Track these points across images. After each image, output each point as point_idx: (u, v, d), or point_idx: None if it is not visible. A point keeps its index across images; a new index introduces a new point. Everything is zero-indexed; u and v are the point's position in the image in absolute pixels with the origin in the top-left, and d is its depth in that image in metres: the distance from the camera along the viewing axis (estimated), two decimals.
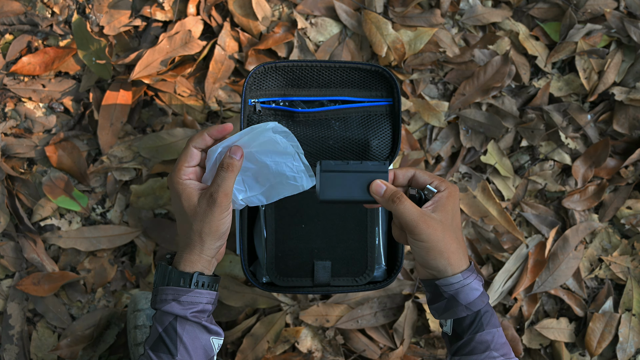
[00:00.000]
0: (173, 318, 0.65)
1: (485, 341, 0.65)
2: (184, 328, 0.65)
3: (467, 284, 0.64)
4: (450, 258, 0.64)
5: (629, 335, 1.07)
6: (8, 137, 1.07)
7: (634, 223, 1.09)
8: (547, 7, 1.13)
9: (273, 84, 0.86)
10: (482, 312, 0.65)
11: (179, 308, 0.64)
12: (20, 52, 1.09)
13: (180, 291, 0.65)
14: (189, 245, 0.67)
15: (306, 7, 1.11)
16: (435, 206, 0.65)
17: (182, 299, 0.65)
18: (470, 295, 0.64)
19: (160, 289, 0.66)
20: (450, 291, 0.65)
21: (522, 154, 1.12)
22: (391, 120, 0.87)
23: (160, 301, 0.65)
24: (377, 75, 0.86)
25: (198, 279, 0.66)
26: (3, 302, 1.04)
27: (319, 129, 0.86)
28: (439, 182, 0.67)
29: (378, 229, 0.87)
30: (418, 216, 0.64)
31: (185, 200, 0.67)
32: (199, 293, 0.65)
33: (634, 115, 1.10)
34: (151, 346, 0.65)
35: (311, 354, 1.05)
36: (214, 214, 0.65)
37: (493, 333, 0.65)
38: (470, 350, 0.65)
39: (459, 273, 0.65)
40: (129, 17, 1.10)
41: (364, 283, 0.86)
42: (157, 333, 0.65)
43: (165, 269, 0.67)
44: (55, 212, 1.06)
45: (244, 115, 0.84)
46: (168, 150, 1.07)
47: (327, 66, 0.85)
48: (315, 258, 0.85)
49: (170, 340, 0.64)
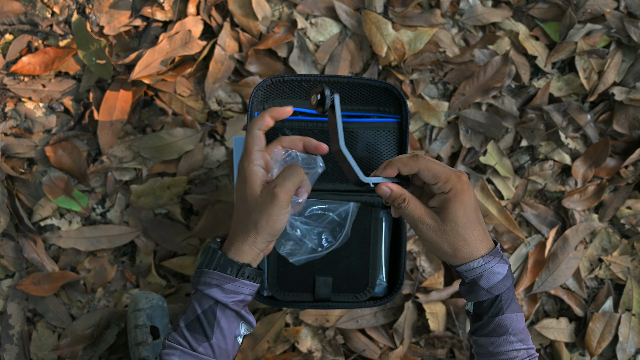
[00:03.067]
0: (214, 302, 0.65)
1: (504, 325, 0.65)
2: (223, 313, 0.65)
3: (488, 268, 0.64)
4: (457, 254, 0.65)
5: (629, 335, 1.07)
6: (8, 137, 1.07)
7: (634, 223, 1.09)
8: (547, 7, 1.13)
9: (280, 96, 0.85)
10: (502, 296, 0.65)
11: (221, 295, 0.65)
12: (20, 52, 1.09)
13: (226, 278, 0.65)
14: (243, 233, 0.66)
15: (306, 7, 1.11)
16: (440, 207, 0.65)
17: (226, 287, 0.65)
18: (492, 279, 0.64)
19: (205, 271, 0.66)
20: (472, 276, 0.65)
21: (522, 154, 1.12)
22: (398, 137, 0.87)
23: (204, 283, 0.65)
24: (385, 91, 0.85)
25: (245, 270, 0.66)
26: (3, 302, 1.04)
27: (324, 141, 0.86)
28: (443, 182, 0.65)
29: (380, 245, 0.87)
30: (418, 219, 0.65)
31: (249, 187, 0.66)
32: (243, 284, 0.65)
33: (634, 115, 1.10)
34: (187, 324, 0.65)
35: (311, 354, 1.05)
36: (273, 208, 0.65)
37: (512, 318, 0.65)
38: (489, 332, 0.66)
39: (479, 258, 0.65)
40: (129, 17, 1.10)
41: (365, 299, 0.87)
42: (195, 313, 0.65)
43: (214, 253, 0.66)
44: (55, 212, 1.06)
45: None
46: (168, 150, 1.07)
47: (335, 81, 0.85)
48: (317, 273, 0.86)
49: (207, 323, 0.65)
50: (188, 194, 1.07)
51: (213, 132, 1.09)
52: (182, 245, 1.05)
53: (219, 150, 1.08)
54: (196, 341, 0.65)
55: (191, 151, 1.07)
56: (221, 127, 1.08)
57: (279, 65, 1.10)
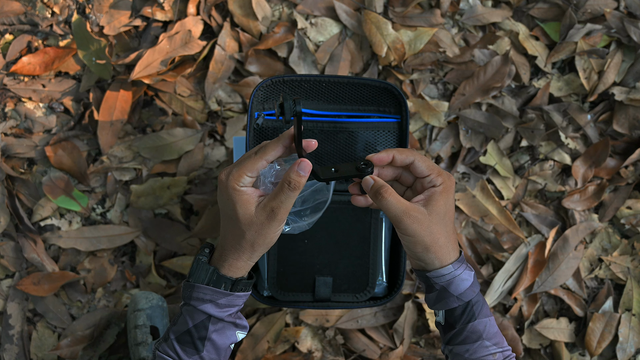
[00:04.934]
0: (206, 317, 0.64)
1: (477, 331, 0.65)
2: (215, 327, 0.64)
3: (457, 274, 0.65)
4: (437, 252, 0.64)
5: (629, 335, 1.07)
6: (8, 137, 1.07)
7: (634, 223, 1.09)
8: (547, 7, 1.13)
9: (280, 96, 0.86)
10: (473, 302, 0.65)
11: (215, 310, 0.64)
12: (20, 52, 1.09)
13: (219, 294, 0.64)
14: (237, 251, 0.65)
15: (306, 7, 1.11)
16: (427, 200, 0.64)
17: (220, 302, 0.64)
18: (461, 285, 0.65)
19: (197, 286, 0.64)
20: (442, 282, 0.65)
21: (522, 154, 1.12)
22: (398, 137, 0.86)
23: (197, 299, 0.64)
24: (385, 91, 0.85)
25: (239, 284, 0.65)
26: (3, 302, 1.04)
27: (323, 141, 0.86)
28: (436, 175, 0.65)
29: (380, 245, 0.87)
30: (403, 211, 0.63)
31: (241, 207, 0.63)
32: (237, 297, 0.65)
33: (634, 115, 1.10)
34: (177, 337, 0.65)
35: (311, 354, 1.05)
36: (271, 227, 0.63)
37: (485, 322, 0.66)
38: (463, 339, 0.66)
39: (449, 264, 0.65)
40: (129, 17, 1.10)
41: (365, 299, 0.87)
42: (186, 326, 0.64)
43: (206, 268, 0.65)
44: (55, 212, 1.06)
45: (250, 127, 0.84)
46: (168, 150, 1.07)
47: (335, 82, 0.85)
48: (317, 273, 0.86)
49: (198, 337, 0.64)
50: (188, 194, 1.07)
51: (213, 132, 1.09)
52: (182, 245, 1.05)
53: (219, 150, 1.08)
54: (186, 354, 0.64)
55: (191, 151, 1.07)
56: (221, 127, 1.08)
57: (279, 65, 1.10)
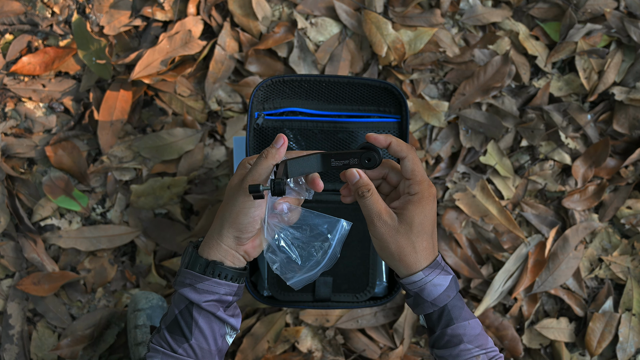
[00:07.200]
0: (189, 302, 0.64)
1: (457, 335, 0.65)
2: (200, 313, 0.64)
3: (428, 281, 0.64)
4: (403, 260, 0.64)
5: (629, 335, 1.07)
6: (8, 137, 1.07)
7: (634, 223, 1.09)
8: (547, 7, 1.13)
9: (280, 96, 0.85)
10: (449, 306, 0.65)
11: (194, 295, 0.64)
12: (20, 52, 1.09)
13: (198, 277, 0.64)
14: (212, 229, 0.66)
15: (306, 7, 1.11)
16: (400, 208, 0.64)
17: (199, 286, 0.64)
18: (434, 291, 0.64)
19: (182, 270, 0.65)
20: (414, 289, 0.65)
21: (522, 154, 1.12)
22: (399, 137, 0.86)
23: (179, 283, 0.65)
24: (385, 91, 0.85)
25: (216, 269, 0.64)
26: (3, 302, 1.04)
27: (322, 140, 0.86)
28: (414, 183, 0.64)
29: None
30: (376, 213, 0.63)
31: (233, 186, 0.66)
32: (216, 283, 0.64)
33: (634, 115, 1.10)
34: (167, 326, 0.65)
35: (311, 354, 1.05)
36: (237, 199, 0.63)
37: (465, 326, 0.65)
38: (445, 343, 0.66)
39: (419, 271, 0.64)
40: (129, 17, 1.10)
41: (365, 299, 0.87)
42: (173, 314, 0.65)
43: (189, 252, 0.66)
44: (55, 212, 1.06)
45: (250, 127, 0.84)
46: (168, 150, 1.07)
47: (336, 81, 0.85)
48: None
49: (185, 324, 0.64)
50: (188, 194, 1.07)
51: (213, 132, 1.09)
52: (182, 245, 1.05)
53: (219, 150, 1.08)
54: (176, 343, 0.64)
55: (191, 151, 1.07)
56: (221, 127, 1.08)
57: (279, 65, 1.10)
